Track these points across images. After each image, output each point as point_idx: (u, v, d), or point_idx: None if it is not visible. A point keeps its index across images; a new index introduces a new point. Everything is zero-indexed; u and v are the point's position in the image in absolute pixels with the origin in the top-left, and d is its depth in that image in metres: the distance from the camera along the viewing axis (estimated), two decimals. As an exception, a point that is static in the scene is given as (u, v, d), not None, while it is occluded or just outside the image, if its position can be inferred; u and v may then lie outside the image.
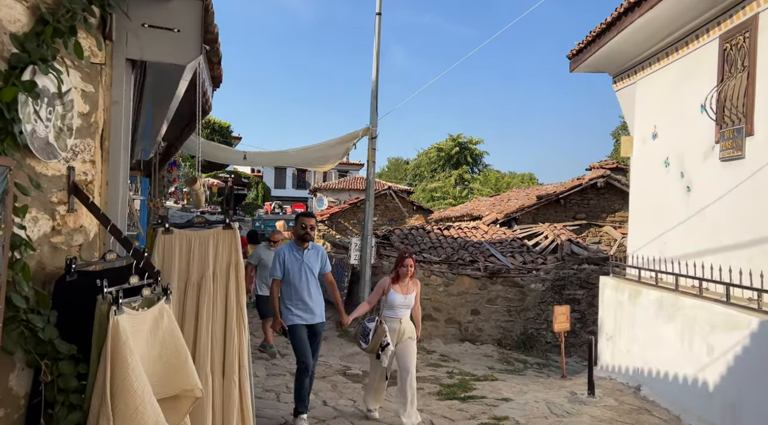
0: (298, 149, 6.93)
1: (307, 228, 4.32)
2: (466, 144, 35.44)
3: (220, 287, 2.16)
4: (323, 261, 4.46)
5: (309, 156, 8.78)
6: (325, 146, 7.36)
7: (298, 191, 44.42)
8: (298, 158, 8.44)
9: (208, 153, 7.28)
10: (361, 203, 21.18)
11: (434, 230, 12.14)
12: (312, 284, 4.32)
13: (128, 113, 2.05)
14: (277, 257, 4.30)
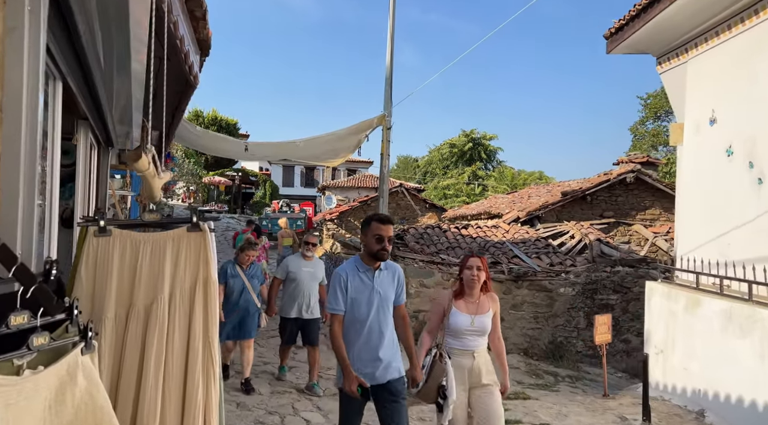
0: (306, 140, 6.22)
1: (385, 241, 2.90)
2: (480, 140, 34.52)
3: (180, 316, 1.45)
4: (400, 287, 3.12)
5: (317, 150, 8.08)
6: (334, 137, 6.64)
7: (306, 189, 43.86)
8: (305, 150, 7.73)
9: (207, 144, 6.60)
10: (372, 200, 20.47)
11: (451, 230, 11.39)
12: (386, 322, 2.99)
13: (36, 46, 1.33)
14: (336, 282, 2.94)
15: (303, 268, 5.45)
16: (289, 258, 5.70)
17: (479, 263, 3.29)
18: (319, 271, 5.59)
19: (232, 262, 5.38)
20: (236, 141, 5.93)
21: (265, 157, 7.21)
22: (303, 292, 5.37)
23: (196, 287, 1.50)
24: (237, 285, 5.21)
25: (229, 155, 7.05)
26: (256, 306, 5.32)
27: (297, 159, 8.77)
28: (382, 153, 8.02)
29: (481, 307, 3.28)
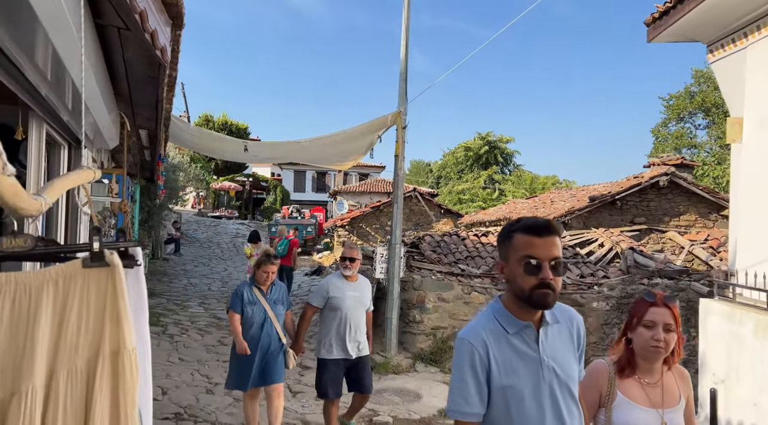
0: (311, 140, 5.60)
1: (546, 271, 1.57)
2: (496, 143, 33.74)
3: (67, 418, 0.81)
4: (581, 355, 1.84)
5: (326, 151, 7.47)
6: (345, 136, 6.02)
7: (318, 194, 43.58)
8: (312, 152, 7.13)
9: (204, 145, 6.03)
10: (384, 206, 19.85)
11: (470, 237, 10.69)
12: None
13: None
14: (465, 358, 1.62)
15: (347, 292, 4.29)
16: (328, 280, 4.51)
17: (669, 318, 1.95)
18: (366, 294, 4.51)
19: (249, 283, 4.30)
20: (235, 141, 5.34)
21: (267, 159, 6.63)
22: (349, 323, 4.25)
23: (97, 367, 0.86)
24: (257, 315, 4.12)
25: (228, 156, 6.44)
26: (281, 342, 4.20)
27: (303, 161, 8.16)
28: (397, 155, 7.38)
29: (669, 394, 1.97)
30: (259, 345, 4.08)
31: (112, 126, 3.69)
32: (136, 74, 2.91)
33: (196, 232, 24.87)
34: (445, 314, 7.65)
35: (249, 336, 4.10)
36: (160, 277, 13.63)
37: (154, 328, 7.99)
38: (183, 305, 10.41)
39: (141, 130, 4.81)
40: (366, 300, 4.47)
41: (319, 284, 4.53)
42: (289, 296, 4.50)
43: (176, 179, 13.85)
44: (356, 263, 4.42)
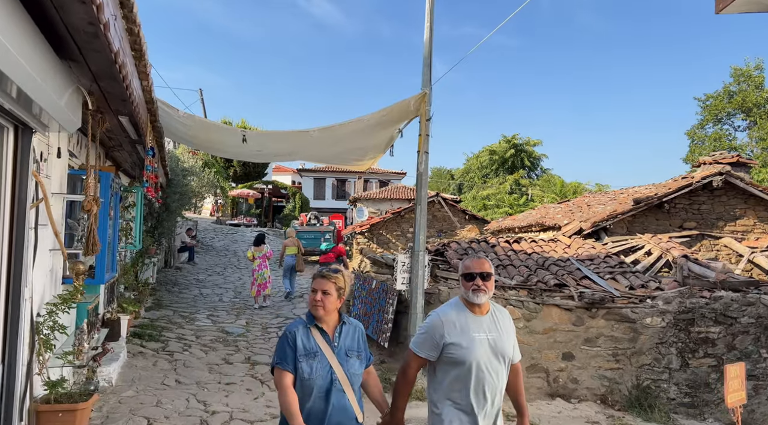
0: (323, 129, 4.81)
1: None
2: (522, 146, 32.62)
3: None
4: None
5: (341, 147, 6.73)
6: (361, 126, 5.24)
7: (338, 201, 43.32)
8: (324, 146, 6.39)
9: (197, 136, 5.33)
10: (405, 212, 19.06)
11: (501, 244, 9.80)
12: None
13: None
14: None
15: (477, 333, 2.63)
16: (441, 313, 2.72)
17: None
18: (508, 335, 2.77)
19: (304, 322, 2.64)
20: (231, 129, 4.63)
21: (273, 154, 5.86)
22: (482, 386, 2.61)
23: None
24: (318, 375, 2.49)
25: (229, 152, 5.68)
26: (357, 419, 2.57)
27: (316, 160, 7.42)
28: (419, 150, 6.60)
29: None
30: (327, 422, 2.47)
31: (69, 103, 2.99)
32: (73, 21, 2.19)
33: (213, 240, 24.44)
34: (476, 331, 6.78)
35: (306, 410, 2.47)
36: (170, 287, 13.07)
37: (153, 345, 7.33)
38: (190, 318, 9.77)
39: (121, 117, 4.13)
40: (507, 347, 2.73)
41: (428, 320, 2.78)
42: (367, 347, 2.77)
43: (187, 183, 13.30)
44: (491, 281, 2.66)
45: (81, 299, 4.00)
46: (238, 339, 8.67)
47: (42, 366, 3.59)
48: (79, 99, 3.15)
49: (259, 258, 11.66)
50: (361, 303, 8.57)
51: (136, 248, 8.11)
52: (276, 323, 10.25)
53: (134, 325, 8.16)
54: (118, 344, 6.49)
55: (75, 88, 3.02)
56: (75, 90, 3.05)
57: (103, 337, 5.10)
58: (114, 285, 5.23)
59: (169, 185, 12.16)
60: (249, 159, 7.41)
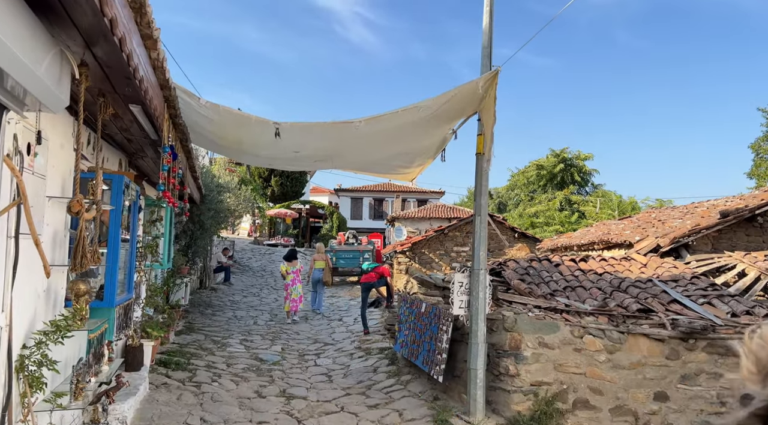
0: (369, 119, 4.02)
1: None
2: (572, 160, 31.11)
3: None
4: None
5: (386, 151, 5.97)
6: (415, 116, 4.39)
7: (375, 221, 42.83)
8: (367, 151, 5.64)
9: (223, 136, 4.65)
10: (449, 229, 18.08)
11: (566, 263, 8.74)
12: None
13: None
14: None
15: None
16: None
17: None
18: None
19: None
20: (263, 121, 3.91)
21: (308, 157, 5.10)
22: None
23: None
24: None
25: (257, 154, 4.97)
26: None
27: (355, 165, 6.64)
28: (480, 153, 5.75)
29: None
30: None
31: (50, 72, 2.31)
32: None
33: (250, 260, 24.12)
34: (549, 365, 5.78)
35: None
36: (204, 309, 12.51)
37: (179, 374, 6.64)
38: (222, 343, 9.09)
39: (132, 105, 3.47)
40: None
41: None
42: None
43: (222, 200, 12.83)
44: None
45: (80, 325, 3.31)
46: (272, 367, 7.91)
47: (27, 412, 2.87)
48: (66, 71, 2.49)
49: (292, 273, 11.96)
50: (408, 329, 7.67)
51: (164, 267, 7.53)
52: (314, 349, 9.46)
53: (161, 351, 7.53)
54: (139, 374, 5.82)
55: (58, 53, 2.36)
56: (58, 56, 2.38)
57: (116, 369, 4.40)
58: (130, 308, 4.55)
59: (203, 201, 11.71)
60: (284, 166, 6.72)
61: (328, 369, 8.00)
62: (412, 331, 7.49)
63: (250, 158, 5.61)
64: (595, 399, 5.83)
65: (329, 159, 5.60)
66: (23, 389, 2.88)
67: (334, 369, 8.00)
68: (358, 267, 19.27)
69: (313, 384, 7.13)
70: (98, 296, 3.92)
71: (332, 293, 16.86)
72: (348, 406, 6.19)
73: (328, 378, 7.50)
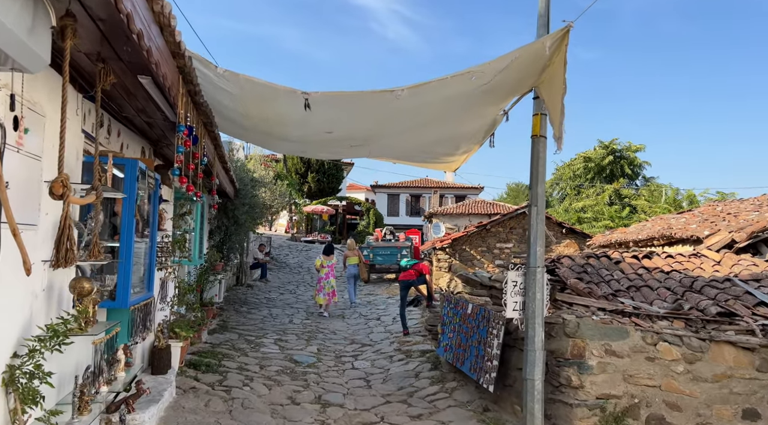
0: (413, 88, 3.37)
1: None
2: (623, 152, 29.50)
3: None
4: None
5: (429, 135, 5.40)
6: (467, 86, 3.70)
7: (412, 218, 42.42)
8: (408, 135, 5.07)
9: (246, 114, 4.17)
10: (492, 225, 17.32)
11: (627, 260, 7.93)
12: None
13: None
14: None
15: None
16: None
17: None
18: None
19: None
20: (290, 91, 3.40)
21: (343, 139, 4.53)
22: None
23: None
24: None
25: (285, 136, 4.47)
26: None
27: (395, 153, 6.07)
28: (536, 135, 5.11)
29: None
30: None
31: (19, 20, 1.85)
32: None
33: (287, 257, 24.01)
34: (618, 376, 5.08)
35: None
36: (239, 306, 12.26)
37: (209, 377, 6.28)
38: (255, 343, 8.74)
39: (142, 77, 3.03)
40: None
41: None
42: None
43: (256, 195, 12.53)
44: None
45: (84, 329, 2.89)
46: (307, 370, 7.47)
47: (18, 430, 2.46)
48: (42, 21, 2.04)
49: (327, 267, 12.14)
50: (452, 332, 7.07)
51: (193, 263, 7.20)
52: (351, 350, 8.99)
53: (192, 352, 7.21)
54: (166, 378, 5.47)
55: None
56: (31, 3, 1.92)
57: (135, 374, 4.02)
58: (150, 308, 4.15)
59: (237, 196, 11.42)
60: (316, 152, 6.19)
61: (366, 373, 7.50)
62: (457, 334, 6.89)
63: (280, 144, 5.13)
64: (672, 416, 5.09)
65: (365, 144, 5.06)
66: (13, 405, 2.47)
67: (372, 373, 7.49)
68: (396, 264, 18.76)
69: (351, 390, 6.64)
70: (111, 296, 3.52)
71: (369, 291, 16.41)
72: (388, 416, 5.66)
73: (366, 383, 7.01)
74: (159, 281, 5.94)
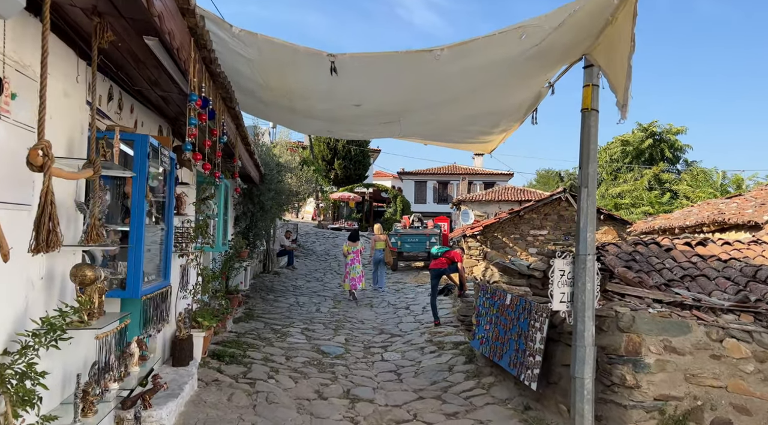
0: (453, 47, 2.94)
1: None
2: (663, 135, 28.14)
3: None
4: None
5: (468, 109, 4.95)
6: (507, 52, 3.29)
7: (439, 205, 41.95)
8: (444, 110, 4.62)
9: (259, 79, 3.78)
10: (525, 211, 16.68)
11: (678, 247, 7.34)
12: None
13: None
14: None
15: None
16: None
17: None
18: None
19: None
20: (314, 53, 2.98)
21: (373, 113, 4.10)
22: None
23: None
24: None
25: (310, 111, 4.12)
26: None
27: (429, 132, 5.63)
28: (586, 108, 4.61)
29: None
30: None
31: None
32: None
33: (314, 244, 23.85)
34: (678, 375, 4.58)
35: None
36: (265, 294, 12.07)
37: (233, 369, 6.03)
38: (282, 333, 8.49)
39: (148, 38, 2.68)
40: None
41: None
42: None
43: (282, 180, 12.25)
44: None
45: (87, 322, 2.59)
46: (335, 361, 7.17)
47: (10, 437, 2.16)
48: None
49: (353, 253, 12.32)
50: (489, 324, 6.65)
51: (216, 249, 6.94)
52: (380, 341, 8.66)
53: (216, 342, 6.98)
54: (187, 370, 5.23)
55: None
56: None
57: (150, 368, 3.74)
58: (167, 297, 3.86)
59: (262, 181, 11.16)
60: (344, 131, 5.71)
61: (396, 366, 7.16)
62: (494, 326, 6.46)
63: (304, 122, 4.73)
64: (740, 421, 4.57)
65: (396, 120, 4.63)
66: (3, 409, 2.17)
67: (403, 366, 7.14)
68: (424, 252, 18.33)
69: (381, 384, 6.30)
70: (121, 284, 3.22)
71: (397, 279, 16.06)
72: (422, 414, 5.30)
73: (397, 377, 6.66)
74: (179, 269, 5.68)
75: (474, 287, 8.75)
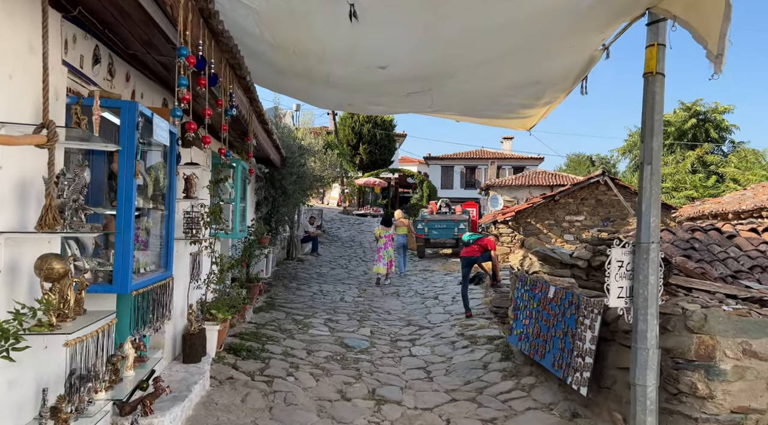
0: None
1: None
2: (708, 114, 26.57)
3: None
4: None
5: (510, 76, 4.35)
6: (556, 1, 2.73)
7: (466, 190, 41.20)
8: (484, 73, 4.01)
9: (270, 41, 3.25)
10: (560, 195, 15.87)
11: (742, 234, 6.59)
12: None
13: None
14: None
15: None
16: None
17: None
18: None
19: None
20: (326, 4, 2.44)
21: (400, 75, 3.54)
22: None
23: None
24: None
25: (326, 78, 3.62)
26: None
27: (466, 106, 5.02)
28: (651, 72, 3.98)
29: None
30: None
31: None
32: None
33: (339, 230, 23.49)
34: (761, 384, 3.93)
35: None
36: (288, 282, 11.70)
37: (249, 365, 5.61)
38: (303, 324, 8.07)
39: None
40: None
41: None
42: None
43: (304, 164, 11.78)
44: None
45: (57, 326, 2.13)
46: (359, 356, 6.71)
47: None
48: None
49: (385, 237, 12.45)
50: (528, 318, 6.06)
51: (233, 236, 6.51)
52: (407, 333, 8.16)
53: (234, 334, 6.59)
54: (198, 368, 4.82)
55: None
56: None
57: (150, 370, 3.30)
58: (168, 290, 3.40)
59: (284, 165, 10.71)
60: (367, 105, 5.15)
61: (425, 362, 6.65)
62: (534, 321, 5.87)
63: (322, 92, 4.17)
64: (834, 440, 3.90)
65: (428, 89, 4.05)
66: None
67: (433, 362, 6.63)
68: (452, 238, 17.70)
69: (409, 383, 5.81)
70: (106, 278, 2.77)
71: (424, 267, 15.53)
72: (455, 419, 4.79)
73: (426, 375, 6.16)
74: (189, 258, 5.26)
75: (510, 278, 8.14)
